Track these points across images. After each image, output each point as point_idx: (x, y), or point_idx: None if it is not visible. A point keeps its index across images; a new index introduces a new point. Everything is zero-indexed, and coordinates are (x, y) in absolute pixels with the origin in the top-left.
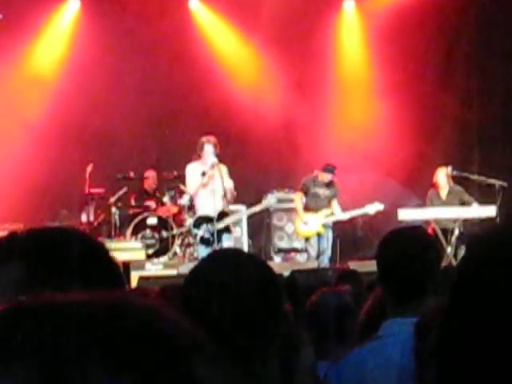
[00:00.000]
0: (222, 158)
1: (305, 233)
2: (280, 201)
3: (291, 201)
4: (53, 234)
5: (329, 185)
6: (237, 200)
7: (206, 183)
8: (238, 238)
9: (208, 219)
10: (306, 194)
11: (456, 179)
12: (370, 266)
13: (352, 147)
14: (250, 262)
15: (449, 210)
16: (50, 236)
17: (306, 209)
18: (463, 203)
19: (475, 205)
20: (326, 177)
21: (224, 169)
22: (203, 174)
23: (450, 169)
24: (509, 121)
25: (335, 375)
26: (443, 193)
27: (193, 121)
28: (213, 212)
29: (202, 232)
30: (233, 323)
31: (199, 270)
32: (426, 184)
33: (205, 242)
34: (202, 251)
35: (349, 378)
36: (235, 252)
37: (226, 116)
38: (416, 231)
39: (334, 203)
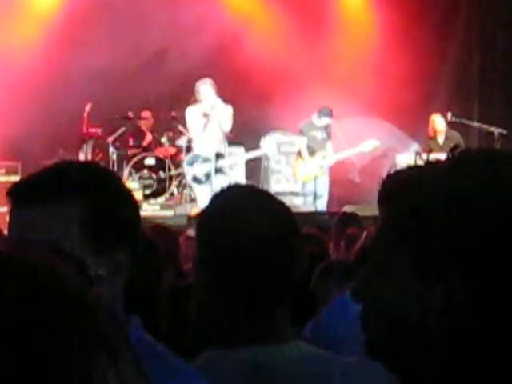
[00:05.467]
0: (223, 98)
1: (304, 176)
2: (278, 144)
3: (289, 144)
4: (98, 168)
5: (325, 127)
6: (234, 141)
7: (205, 124)
8: (234, 181)
9: (203, 159)
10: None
11: (455, 126)
12: (368, 210)
13: (352, 91)
14: (268, 199)
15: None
16: (97, 171)
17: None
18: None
19: None
20: (322, 121)
21: (228, 110)
22: (204, 115)
23: (449, 115)
24: (509, 69)
25: (324, 322)
26: (441, 139)
27: (191, 61)
28: (209, 153)
29: (194, 170)
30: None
31: (215, 210)
32: (425, 130)
33: (197, 180)
34: (198, 191)
35: (335, 323)
36: (253, 189)
37: (225, 56)
38: None
39: (329, 145)
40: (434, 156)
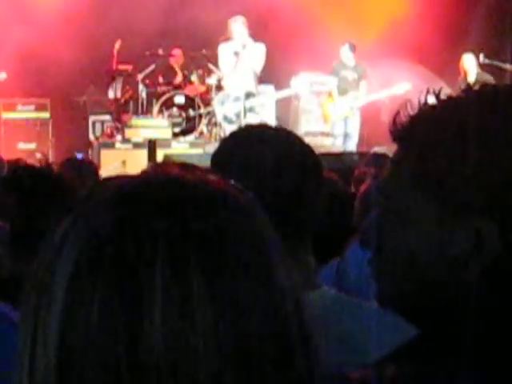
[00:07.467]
0: (255, 37)
1: (333, 116)
2: (309, 83)
3: (321, 84)
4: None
5: (357, 67)
6: (265, 80)
7: (236, 63)
8: (265, 120)
9: (234, 98)
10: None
11: (486, 68)
12: None
13: (383, 33)
14: (278, 136)
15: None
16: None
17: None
18: None
19: None
20: (347, 55)
21: (260, 48)
22: (235, 53)
23: (481, 56)
24: None
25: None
26: (471, 80)
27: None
28: (240, 92)
29: (225, 109)
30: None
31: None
32: (457, 72)
33: (227, 120)
34: (228, 130)
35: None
36: (263, 127)
37: None
38: None
39: (362, 84)
40: None
